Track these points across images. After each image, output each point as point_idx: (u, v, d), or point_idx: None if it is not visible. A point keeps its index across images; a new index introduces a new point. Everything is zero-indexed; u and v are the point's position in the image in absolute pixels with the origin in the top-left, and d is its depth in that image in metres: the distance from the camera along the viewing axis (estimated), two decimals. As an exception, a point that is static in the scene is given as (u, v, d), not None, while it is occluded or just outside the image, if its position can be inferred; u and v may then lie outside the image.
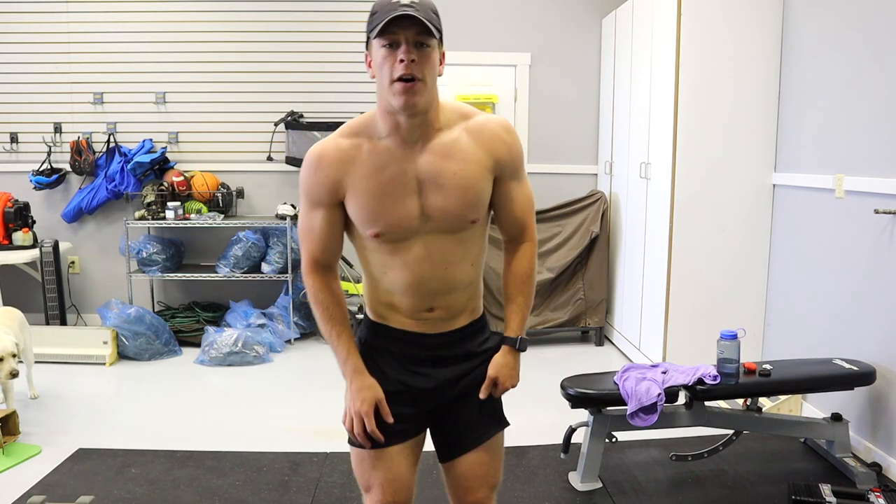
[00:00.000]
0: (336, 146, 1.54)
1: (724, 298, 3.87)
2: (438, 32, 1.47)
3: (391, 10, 1.41)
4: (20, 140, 5.04)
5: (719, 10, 3.69)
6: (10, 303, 4.46)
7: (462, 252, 1.59)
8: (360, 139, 1.54)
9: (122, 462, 3.02)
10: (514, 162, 1.61)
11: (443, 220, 1.54)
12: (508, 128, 1.61)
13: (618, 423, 2.79)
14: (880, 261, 2.92)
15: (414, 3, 1.43)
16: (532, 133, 5.21)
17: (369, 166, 1.52)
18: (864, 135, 3.03)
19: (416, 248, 1.55)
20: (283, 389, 4.04)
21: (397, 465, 1.65)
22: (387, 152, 1.52)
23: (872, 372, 2.84)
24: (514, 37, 5.13)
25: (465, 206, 1.54)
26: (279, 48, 5.03)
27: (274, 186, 5.13)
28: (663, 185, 3.90)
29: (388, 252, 1.57)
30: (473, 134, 1.56)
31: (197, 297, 5.19)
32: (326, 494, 2.76)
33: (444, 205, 1.52)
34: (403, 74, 1.41)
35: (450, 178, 1.52)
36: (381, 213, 1.52)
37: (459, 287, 1.62)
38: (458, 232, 1.57)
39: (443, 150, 1.53)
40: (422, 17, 1.41)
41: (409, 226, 1.53)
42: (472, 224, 1.58)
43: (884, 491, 2.57)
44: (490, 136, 1.57)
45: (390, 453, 1.64)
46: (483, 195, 1.57)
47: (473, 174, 1.54)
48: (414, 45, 1.42)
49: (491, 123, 1.59)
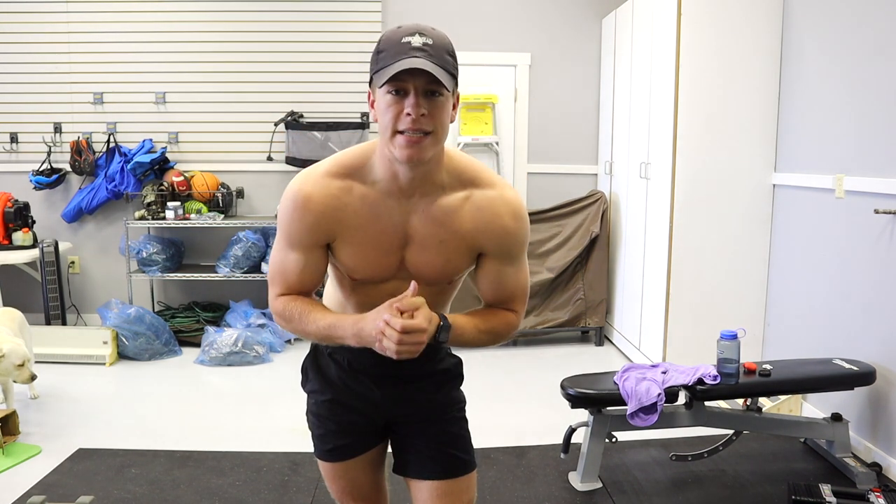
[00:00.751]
0: (325, 189, 1.39)
1: (724, 298, 3.87)
2: (453, 79, 1.30)
3: (400, 55, 1.25)
4: (20, 140, 5.04)
5: (719, 10, 3.69)
6: (10, 303, 4.46)
7: (433, 300, 1.46)
8: (350, 181, 1.40)
9: (122, 462, 3.02)
10: (511, 248, 1.46)
11: (418, 276, 1.43)
12: (516, 213, 1.43)
13: (618, 423, 2.79)
14: (880, 261, 2.92)
15: (427, 45, 1.26)
16: (532, 133, 5.21)
17: (362, 216, 1.40)
18: (864, 135, 3.03)
19: (388, 287, 1.45)
20: (283, 389, 4.03)
21: (361, 475, 1.65)
22: (381, 202, 1.40)
23: (872, 372, 2.84)
24: (514, 37, 5.13)
25: (443, 273, 1.46)
26: (279, 48, 5.03)
27: (274, 186, 5.12)
28: (663, 185, 3.90)
29: (359, 285, 1.50)
30: (476, 208, 1.41)
31: (197, 297, 5.19)
32: (326, 494, 2.73)
33: (423, 265, 1.44)
34: (411, 128, 1.27)
35: (436, 244, 1.42)
36: (366, 265, 1.45)
37: None
38: (434, 286, 1.48)
39: (438, 213, 1.40)
40: (435, 65, 1.24)
41: (389, 274, 1.46)
42: (447, 284, 1.51)
43: (884, 491, 2.57)
44: (491, 217, 1.42)
45: (350, 465, 1.62)
46: (463, 267, 1.48)
47: (457, 248, 1.43)
48: (424, 95, 1.27)
49: (499, 204, 1.42)
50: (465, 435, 1.63)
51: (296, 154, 4.99)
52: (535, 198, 5.11)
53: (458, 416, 1.64)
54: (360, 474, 1.65)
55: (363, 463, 1.64)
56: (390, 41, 1.28)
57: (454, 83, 1.31)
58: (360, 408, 1.59)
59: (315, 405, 1.65)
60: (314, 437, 1.67)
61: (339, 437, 1.61)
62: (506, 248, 1.46)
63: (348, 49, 4.98)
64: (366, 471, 1.65)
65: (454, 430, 1.61)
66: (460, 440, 1.61)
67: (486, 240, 1.44)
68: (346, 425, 1.61)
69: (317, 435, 1.66)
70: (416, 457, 1.59)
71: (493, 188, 1.43)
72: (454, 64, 1.31)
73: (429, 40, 1.27)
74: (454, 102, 1.35)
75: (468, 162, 1.46)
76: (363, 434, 1.62)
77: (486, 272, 1.49)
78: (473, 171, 1.44)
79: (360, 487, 1.66)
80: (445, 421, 1.60)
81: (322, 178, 1.40)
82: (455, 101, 1.36)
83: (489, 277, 1.49)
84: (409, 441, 1.61)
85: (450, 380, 1.62)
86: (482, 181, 1.43)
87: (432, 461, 1.57)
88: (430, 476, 1.57)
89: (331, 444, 1.62)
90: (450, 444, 1.59)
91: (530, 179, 5.24)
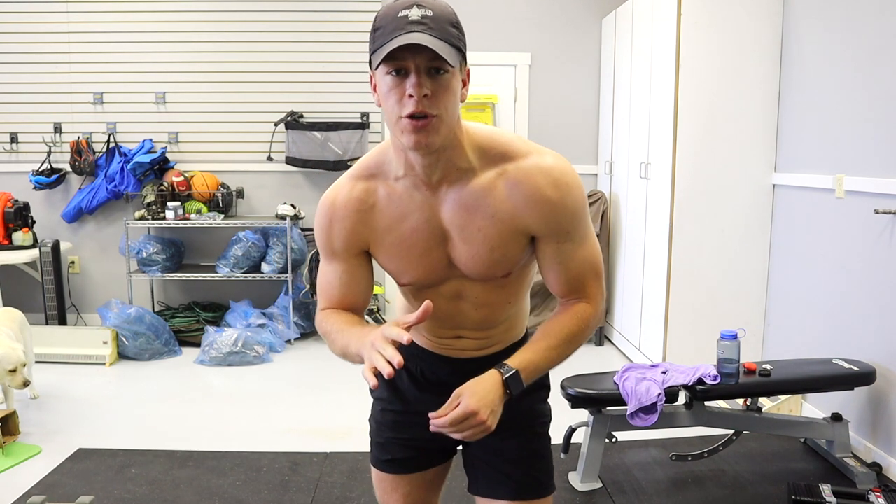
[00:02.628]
0: (349, 194, 1.32)
1: (724, 298, 3.87)
2: (459, 53, 1.16)
3: (397, 31, 1.11)
4: (20, 140, 5.04)
5: (719, 11, 3.69)
6: (10, 303, 4.46)
7: (498, 296, 1.37)
8: (375, 182, 1.31)
9: (122, 462, 3.02)
10: (560, 223, 1.26)
11: (471, 272, 1.32)
12: (558, 180, 1.24)
13: (618, 423, 2.79)
14: (880, 261, 2.92)
15: (426, 17, 1.12)
16: (532, 133, 5.21)
17: (389, 216, 1.30)
18: (864, 135, 3.02)
19: (448, 289, 1.35)
20: (283, 389, 4.04)
21: (415, 492, 1.51)
22: (407, 197, 1.28)
23: (872, 372, 2.84)
24: (514, 37, 5.13)
25: (492, 264, 1.30)
26: (279, 48, 5.02)
27: (274, 186, 5.13)
28: (663, 185, 3.90)
29: (416, 290, 1.40)
30: (511, 184, 1.25)
31: (197, 297, 5.19)
32: (326, 494, 2.76)
33: (470, 260, 1.30)
34: (414, 112, 1.13)
35: (475, 233, 1.27)
36: (408, 267, 1.33)
37: (495, 324, 1.42)
38: (492, 280, 1.34)
39: (469, 199, 1.25)
40: (436, 39, 1.11)
41: (439, 275, 1.33)
42: (504, 277, 1.34)
43: (884, 491, 2.57)
44: (530, 190, 1.24)
45: (407, 480, 1.49)
46: (513, 255, 1.30)
47: (500, 233, 1.26)
48: (427, 73, 1.13)
49: (535, 174, 1.24)
50: (546, 454, 1.47)
51: (296, 154, 4.99)
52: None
53: (541, 433, 1.48)
54: (415, 491, 1.51)
55: (421, 481, 1.51)
56: (387, 16, 1.14)
57: (461, 57, 1.17)
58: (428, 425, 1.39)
59: (380, 413, 1.53)
60: (372, 443, 1.55)
61: (400, 450, 1.49)
62: (555, 224, 1.26)
63: (348, 49, 4.98)
64: (421, 489, 1.52)
65: (534, 447, 1.46)
66: (540, 459, 1.46)
67: (530, 218, 1.26)
68: (410, 440, 1.48)
69: (376, 442, 1.53)
70: (490, 473, 1.45)
71: (527, 157, 1.25)
72: (459, 36, 1.16)
73: (428, 12, 1.13)
74: (464, 79, 1.21)
75: (496, 135, 1.29)
76: (428, 451, 1.49)
77: (544, 256, 1.31)
78: (503, 145, 1.26)
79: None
80: (525, 436, 1.45)
81: (346, 183, 1.33)
82: (465, 77, 1.22)
83: (549, 262, 1.31)
84: (483, 456, 1.45)
85: (535, 390, 1.42)
86: (515, 153, 1.26)
87: (509, 479, 1.43)
88: (504, 496, 1.42)
89: (390, 455, 1.50)
90: (528, 463, 1.44)
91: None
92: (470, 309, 1.38)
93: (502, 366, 1.23)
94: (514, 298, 1.41)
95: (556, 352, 1.28)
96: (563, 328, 1.30)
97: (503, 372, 1.22)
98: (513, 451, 1.43)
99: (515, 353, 1.27)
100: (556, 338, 1.29)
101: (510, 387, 1.21)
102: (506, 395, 1.21)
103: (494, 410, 1.19)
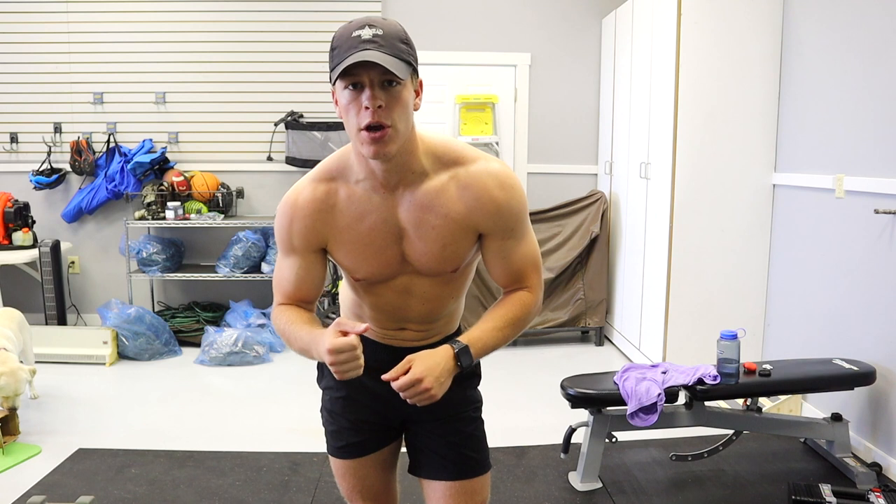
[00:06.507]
0: (311, 195, 1.42)
1: (724, 298, 3.87)
2: (410, 66, 1.29)
3: (351, 48, 1.24)
4: (20, 140, 5.04)
5: (719, 11, 3.69)
6: (9, 303, 4.46)
7: (443, 290, 1.51)
8: (335, 184, 1.42)
9: (122, 462, 3.02)
10: (505, 221, 1.42)
11: (423, 268, 1.45)
12: (504, 182, 1.40)
13: (618, 423, 2.79)
14: (880, 261, 2.92)
15: (377, 36, 1.24)
16: (532, 133, 5.21)
17: (349, 216, 1.41)
18: (864, 135, 3.03)
19: (398, 284, 1.48)
20: (283, 389, 4.04)
21: (372, 474, 1.64)
22: (366, 199, 1.40)
23: (872, 372, 2.84)
24: (514, 37, 5.13)
25: (443, 259, 1.43)
26: (279, 48, 5.02)
27: (274, 186, 5.12)
28: (663, 185, 3.90)
29: (368, 285, 1.50)
30: (462, 186, 1.39)
31: (197, 297, 5.19)
32: (326, 494, 2.76)
33: (423, 256, 1.43)
34: (370, 123, 1.25)
35: (429, 231, 1.40)
36: (364, 263, 1.45)
37: (437, 318, 1.56)
38: (440, 276, 1.48)
39: (424, 199, 1.38)
40: (387, 55, 1.23)
41: (393, 270, 1.46)
42: (451, 273, 1.48)
43: (884, 491, 2.57)
44: (479, 192, 1.38)
45: (362, 463, 1.62)
46: (462, 251, 1.44)
47: (452, 231, 1.40)
48: (381, 86, 1.25)
49: (484, 177, 1.39)
50: (479, 435, 1.62)
51: (296, 154, 4.99)
52: (535, 198, 5.10)
53: (473, 416, 1.62)
54: (371, 473, 1.64)
55: (375, 461, 1.63)
56: (342, 37, 1.27)
57: (411, 70, 1.29)
58: (374, 406, 1.58)
59: (329, 401, 1.65)
60: (327, 434, 1.67)
61: (352, 435, 1.61)
62: (502, 223, 1.42)
63: (348, 49, 4.97)
64: (377, 470, 1.64)
65: (469, 430, 1.60)
66: (474, 440, 1.60)
67: (479, 218, 1.40)
68: (359, 423, 1.60)
69: (329, 431, 1.66)
70: (430, 457, 1.59)
71: (475, 163, 1.40)
72: (409, 51, 1.29)
73: (379, 31, 1.25)
74: (417, 90, 1.34)
75: (448, 143, 1.42)
76: (376, 432, 1.62)
77: (489, 252, 1.46)
78: (454, 152, 1.41)
79: (371, 486, 1.65)
80: (460, 420, 1.59)
81: (308, 184, 1.44)
82: (418, 87, 1.34)
83: (494, 257, 1.46)
84: (423, 440, 1.60)
85: (466, 378, 1.55)
86: (465, 159, 1.40)
87: (445, 461, 1.57)
88: (443, 477, 1.56)
89: (343, 441, 1.62)
90: (464, 445, 1.58)
91: (530, 179, 5.24)
92: (417, 303, 1.51)
93: (454, 341, 1.37)
94: (458, 294, 1.56)
95: (502, 333, 1.43)
96: (508, 313, 1.45)
97: (455, 346, 1.36)
98: (450, 434, 1.57)
99: (463, 333, 1.42)
100: (501, 320, 1.44)
101: (461, 359, 1.35)
102: (457, 367, 1.35)
103: (442, 381, 1.32)
